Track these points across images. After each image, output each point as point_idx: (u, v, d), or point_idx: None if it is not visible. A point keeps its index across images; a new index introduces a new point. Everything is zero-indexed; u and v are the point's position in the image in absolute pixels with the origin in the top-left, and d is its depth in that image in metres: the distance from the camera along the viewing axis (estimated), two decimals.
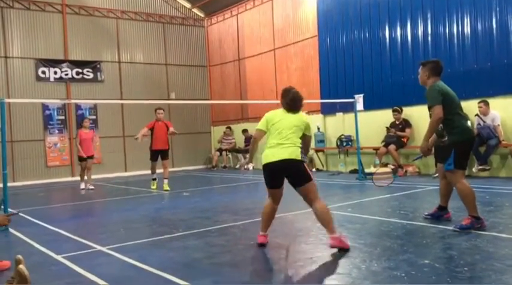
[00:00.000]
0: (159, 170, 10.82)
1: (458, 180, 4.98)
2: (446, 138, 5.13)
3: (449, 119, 5.02)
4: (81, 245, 5.24)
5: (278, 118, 4.82)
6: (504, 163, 9.52)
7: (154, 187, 10.66)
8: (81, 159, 11.61)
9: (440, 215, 5.56)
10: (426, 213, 5.75)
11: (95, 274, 4.01)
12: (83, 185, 11.73)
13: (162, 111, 10.61)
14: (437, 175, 10.00)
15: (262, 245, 4.71)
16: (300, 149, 4.67)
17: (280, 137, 4.65)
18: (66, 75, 15.26)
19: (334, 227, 4.46)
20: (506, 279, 3.36)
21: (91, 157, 11.68)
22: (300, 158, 4.62)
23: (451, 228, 5.13)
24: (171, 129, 10.48)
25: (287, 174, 4.62)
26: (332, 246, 4.34)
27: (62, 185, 13.57)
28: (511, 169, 9.29)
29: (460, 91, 10.16)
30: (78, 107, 15.46)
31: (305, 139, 4.87)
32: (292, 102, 4.90)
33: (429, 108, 5.20)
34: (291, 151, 4.58)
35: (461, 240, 4.55)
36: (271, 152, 4.62)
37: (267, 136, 4.82)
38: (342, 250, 4.30)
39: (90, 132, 11.93)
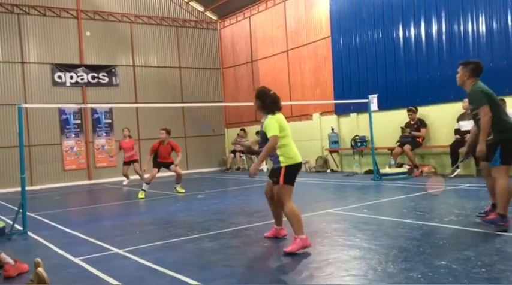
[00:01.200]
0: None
1: (502, 175, 4.97)
2: (491, 136, 5.05)
3: (497, 118, 5.01)
4: (98, 248, 5.30)
5: (282, 120, 4.92)
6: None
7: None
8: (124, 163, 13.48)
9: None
10: (479, 212, 5.62)
11: (111, 276, 4.05)
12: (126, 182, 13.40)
13: (163, 132, 10.65)
14: (454, 175, 9.94)
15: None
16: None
17: (290, 137, 4.90)
18: (82, 79, 15.45)
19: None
20: None
21: (134, 161, 13.43)
22: None
23: (467, 229, 5.08)
24: (177, 162, 10.73)
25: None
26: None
27: (79, 189, 13.73)
28: None
29: None
30: (93, 111, 15.64)
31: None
32: (279, 102, 5.04)
33: (473, 110, 5.20)
34: None
35: (478, 241, 4.50)
36: (296, 152, 4.86)
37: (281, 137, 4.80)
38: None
39: (130, 141, 13.40)
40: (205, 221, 6.67)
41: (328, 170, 13.46)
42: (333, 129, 13.42)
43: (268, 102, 4.93)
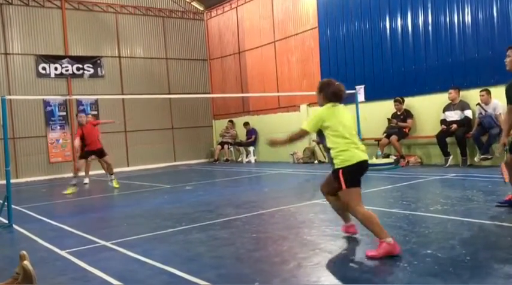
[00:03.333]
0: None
1: None
2: None
3: None
4: (84, 240, 5.27)
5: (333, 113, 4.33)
6: (506, 152, 9.48)
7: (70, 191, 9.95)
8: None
9: None
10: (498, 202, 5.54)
11: (99, 269, 4.03)
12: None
13: (82, 114, 10.75)
14: (448, 165, 10.01)
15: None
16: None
17: (350, 135, 4.27)
18: (67, 70, 15.25)
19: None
20: (508, 268, 3.36)
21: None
22: None
23: (452, 218, 5.15)
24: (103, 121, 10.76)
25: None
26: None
27: (65, 181, 13.60)
28: None
29: (462, 81, 10.22)
30: (79, 103, 15.47)
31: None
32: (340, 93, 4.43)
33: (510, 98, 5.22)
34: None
35: (463, 230, 4.56)
36: (354, 153, 4.19)
37: (334, 133, 4.23)
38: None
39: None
40: (193, 212, 6.67)
41: (316, 162, 13.51)
42: None
43: (328, 92, 4.40)
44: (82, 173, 11.50)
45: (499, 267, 3.38)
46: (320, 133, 4.33)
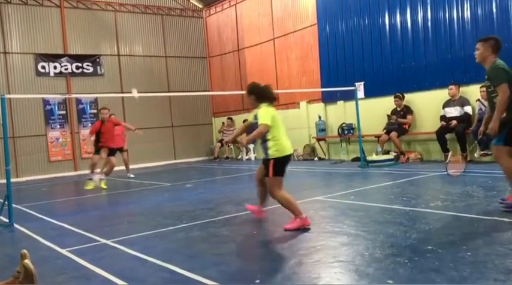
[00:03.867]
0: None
1: (502, 156, 4.99)
2: (504, 115, 4.95)
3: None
4: (85, 239, 5.28)
5: (275, 112, 5.21)
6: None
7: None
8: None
9: None
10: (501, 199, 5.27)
11: (99, 267, 4.04)
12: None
13: (105, 111, 10.31)
14: (448, 161, 9.99)
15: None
16: None
17: (282, 130, 5.16)
18: (66, 69, 15.23)
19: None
20: (509, 263, 3.37)
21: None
22: None
23: (453, 214, 5.15)
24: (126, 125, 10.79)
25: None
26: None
27: (65, 180, 13.62)
28: None
29: (462, 76, 10.21)
30: (78, 101, 15.46)
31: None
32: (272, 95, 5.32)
33: (489, 87, 5.13)
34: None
35: (464, 226, 4.56)
36: (287, 145, 5.12)
37: (272, 129, 5.09)
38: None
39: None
40: (193, 210, 6.67)
41: (316, 158, 13.51)
42: (320, 117, 13.45)
43: (263, 94, 5.23)
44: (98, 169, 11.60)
45: (500, 263, 3.38)
46: (255, 126, 5.15)
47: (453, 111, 10.00)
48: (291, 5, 14.46)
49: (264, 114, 5.06)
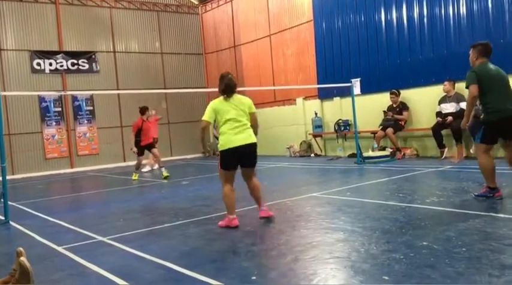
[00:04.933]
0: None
1: (480, 152, 5.52)
2: (482, 116, 5.58)
3: (486, 99, 5.43)
4: (81, 236, 5.27)
5: (221, 106, 5.19)
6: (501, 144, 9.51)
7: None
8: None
9: None
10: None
11: (96, 264, 4.04)
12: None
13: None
14: (444, 157, 10.05)
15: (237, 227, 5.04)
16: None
17: (232, 122, 5.10)
18: (62, 66, 15.18)
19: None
20: (504, 258, 3.39)
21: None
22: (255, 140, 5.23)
23: (448, 209, 5.17)
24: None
25: (246, 156, 5.16)
26: (262, 217, 5.28)
27: (61, 177, 13.59)
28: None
29: (458, 72, 10.19)
30: (74, 98, 15.42)
31: (252, 117, 5.30)
32: (227, 87, 5.20)
33: (466, 88, 5.63)
34: (250, 134, 5.16)
35: (459, 222, 4.58)
36: (233, 138, 5.07)
37: (219, 124, 5.20)
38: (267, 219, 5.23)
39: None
40: (190, 207, 6.68)
41: (312, 155, 13.52)
42: (316, 114, 13.46)
43: (219, 87, 5.26)
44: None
45: (494, 258, 3.40)
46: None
47: (449, 107, 10.02)
48: (287, 1, 14.44)
49: (206, 109, 5.24)
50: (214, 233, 4.95)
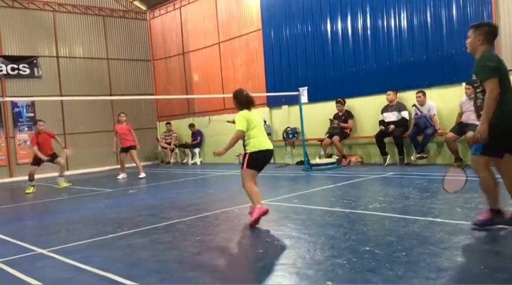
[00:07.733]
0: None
1: (481, 168, 4.23)
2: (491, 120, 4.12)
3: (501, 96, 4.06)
4: (20, 249, 5.03)
5: (250, 116, 5.67)
6: (440, 151, 10.00)
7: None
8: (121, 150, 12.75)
9: None
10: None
11: (34, 277, 3.86)
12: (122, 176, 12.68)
13: (41, 123, 11.10)
14: (386, 164, 10.43)
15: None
16: None
17: (259, 128, 5.72)
18: (1, 71, 14.49)
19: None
20: (440, 261, 3.54)
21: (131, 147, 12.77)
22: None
23: (390, 215, 5.35)
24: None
25: (267, 159, 5.74)
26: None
27: (0, 187, 12.93)
28: (446, 157, 9.77)
29: (399, 83, 10.64)
30: (14, 104, 14.74)
31: None
32: (250, 101, 5.77)
33: (475, 82, 4.30)
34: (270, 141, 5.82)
35: (400, 227, 4.75)
36: (264, 142, 5.69)
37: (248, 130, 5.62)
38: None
39: (126, 126, 12.76)
40: (135, 217, 6.53)
41: None
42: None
43: (241, 101, 5.71)
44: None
45: (432, 261, 3.55)
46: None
47: (391, 116, 10.40)
48: (236, 9, 14.53)
49: (238, 120, 5.59)
50: (160, 243, 4.87)
